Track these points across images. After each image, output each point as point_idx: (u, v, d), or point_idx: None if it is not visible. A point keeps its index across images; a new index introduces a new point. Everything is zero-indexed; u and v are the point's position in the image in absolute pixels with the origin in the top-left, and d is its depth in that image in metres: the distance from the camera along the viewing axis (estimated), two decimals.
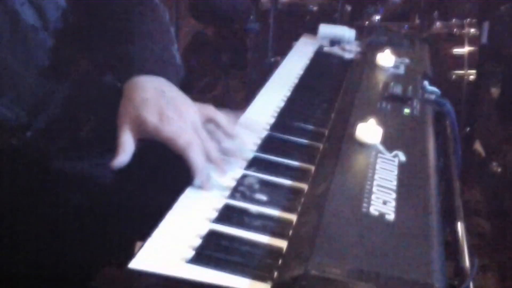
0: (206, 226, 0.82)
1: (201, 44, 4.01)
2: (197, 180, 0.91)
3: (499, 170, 3.00)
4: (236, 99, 3.82)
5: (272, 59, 2.75)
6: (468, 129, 2.90)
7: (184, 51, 3.95)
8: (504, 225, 2.59)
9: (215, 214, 0.85)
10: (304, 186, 0.95)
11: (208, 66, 3.92)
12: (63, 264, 0.99)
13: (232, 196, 0.90)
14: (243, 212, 0.86)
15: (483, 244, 2.44)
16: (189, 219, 0.84)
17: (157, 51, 1.03)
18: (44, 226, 0.99)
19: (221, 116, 1.00)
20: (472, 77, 2.84)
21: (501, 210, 2.69)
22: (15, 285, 0.98)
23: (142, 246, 0.77)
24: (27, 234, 0.98)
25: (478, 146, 3.05)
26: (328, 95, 1.36)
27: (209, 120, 0.99)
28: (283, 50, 1.87)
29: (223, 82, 3.84)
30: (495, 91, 3.84)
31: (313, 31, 1.80)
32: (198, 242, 0.78)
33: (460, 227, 1.03)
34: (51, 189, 1.02)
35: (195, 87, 3.89)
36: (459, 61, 2.86)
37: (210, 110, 1.00)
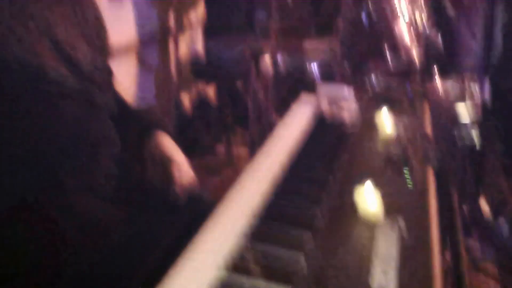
0: None
1: (204, 104, 4.03)
2: None
3: (507, 225, 2.94)
4: (241, 156, 3.80)
5: (273, 119, 2.74)
6: (474, 185, 2.85)
7: (188, 111, 3.97)
8: None
9: None
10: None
11: (212, 125, 3.93)
12: None
13: None
14: None
15: None
16: None
17: None
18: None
19: None
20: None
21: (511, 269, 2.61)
22: None
23: None
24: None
25: (483, 202, 3.00)
26: (325, 158, 1.29)
27: None
28: (285, 108, 1.85)
29: (227, 140, 3.83)
30: (499, 146, 3.81)
31: (313, 89, 1.79)
32: None
33: None
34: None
35: (200, 146, 3.89)
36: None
37: None
